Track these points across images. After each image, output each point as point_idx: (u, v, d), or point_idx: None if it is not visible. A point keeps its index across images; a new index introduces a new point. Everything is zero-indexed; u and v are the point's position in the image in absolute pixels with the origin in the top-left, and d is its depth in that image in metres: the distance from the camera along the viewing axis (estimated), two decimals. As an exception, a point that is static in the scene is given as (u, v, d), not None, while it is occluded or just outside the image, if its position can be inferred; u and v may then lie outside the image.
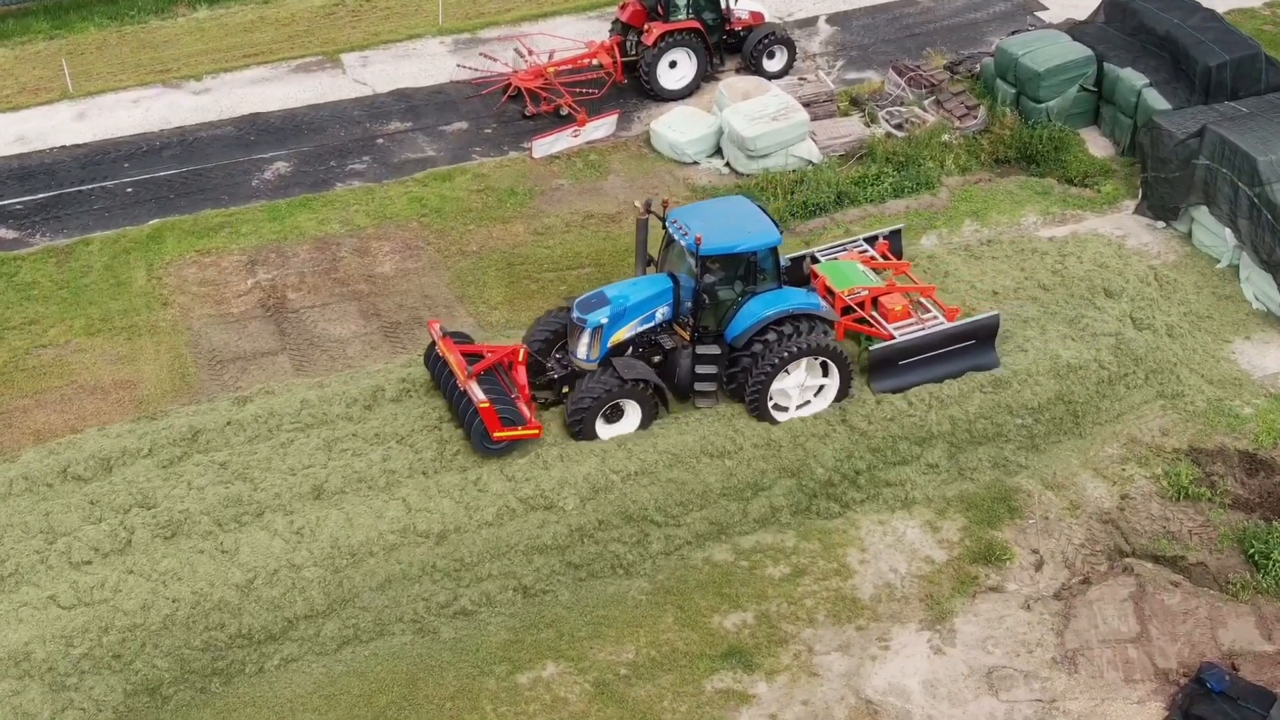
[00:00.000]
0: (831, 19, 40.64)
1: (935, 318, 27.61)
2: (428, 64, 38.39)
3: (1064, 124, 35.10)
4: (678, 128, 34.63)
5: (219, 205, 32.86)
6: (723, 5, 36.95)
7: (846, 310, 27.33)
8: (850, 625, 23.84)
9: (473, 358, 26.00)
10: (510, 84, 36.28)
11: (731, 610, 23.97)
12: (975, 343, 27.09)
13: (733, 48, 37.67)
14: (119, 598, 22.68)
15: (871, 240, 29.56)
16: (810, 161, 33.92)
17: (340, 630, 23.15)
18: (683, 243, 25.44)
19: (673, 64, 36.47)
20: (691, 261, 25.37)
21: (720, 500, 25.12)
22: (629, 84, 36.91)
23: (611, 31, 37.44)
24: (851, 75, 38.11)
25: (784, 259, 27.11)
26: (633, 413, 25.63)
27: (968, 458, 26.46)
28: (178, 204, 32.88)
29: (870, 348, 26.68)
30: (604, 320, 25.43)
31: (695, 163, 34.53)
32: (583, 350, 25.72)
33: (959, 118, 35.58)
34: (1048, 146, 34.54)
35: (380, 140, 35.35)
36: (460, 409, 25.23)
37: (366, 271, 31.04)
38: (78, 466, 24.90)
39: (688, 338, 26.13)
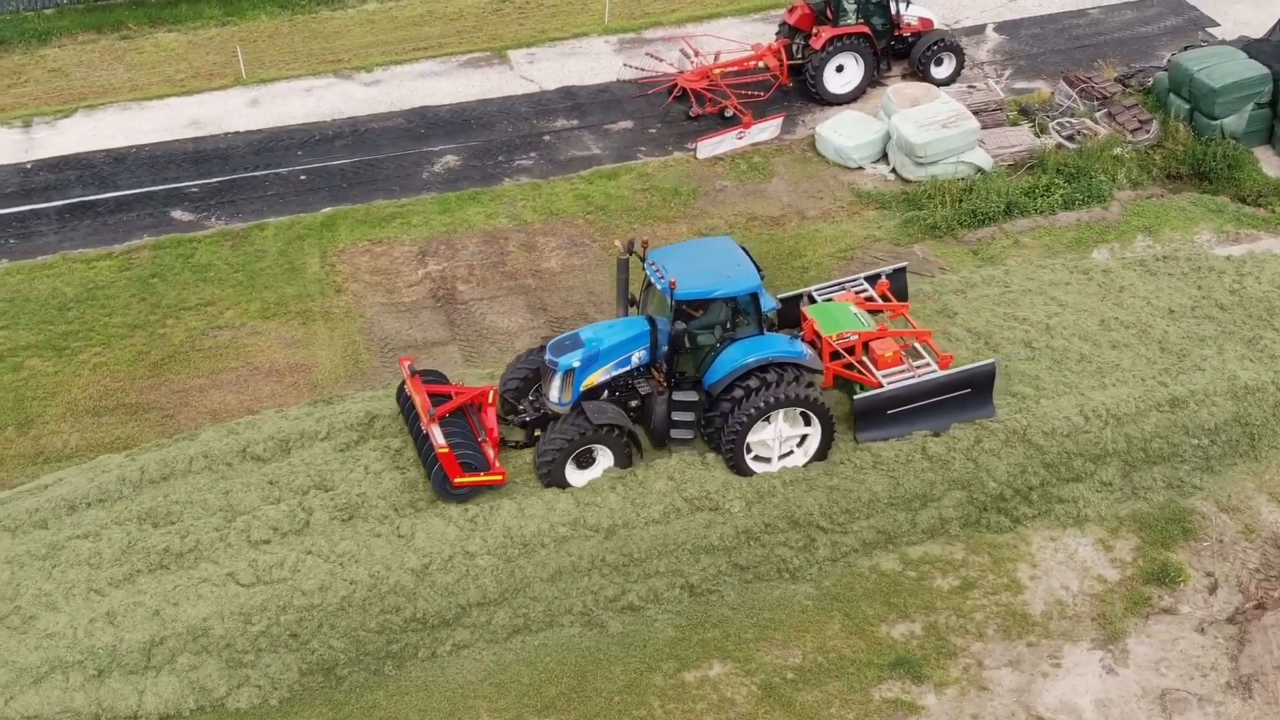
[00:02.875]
0: (999, 27, 40.26)
1: (928, 365, 26.24)
2: (593, 62, 38.62)
3: (1238, 141, 34.42)
4: (844, 132, 34.49)
5: (390, 196, 33.34)
6: (892, 11, 36.72)
7: (835, 356, 26.05)
8: (1021, 641, 23.54)
9: (442, 399, 25.10)
10: (676, 84, 36.36)
11: (899, 620, 23.79)
12: (970, 392, 25.68)
13: (900, 53, 37.46)
14: (297, 577, 23.06)
15: (873, 279, 28.04)
16: (980, 169, 33.59)
17: (511, 619, 23.34)
18: (659, 286, 24.39)
19: (839, 68, 36.33)
20: (668, 305, 24.43)
21: (888, 509, 24.93)
22: (794, 87, 36.83)
23: (778, 34, 37.40)
24: (1020, 85, 37.69)
25: (775, 299, 26.04)
26: (604, 458, 24.66)
27: (1142, 477, 26.00)
28: (350, 193, 33.41)
29: (856, 396, 25.45)
30: (576, 363, 24.37)
31: (860, 168, 34.37)
32: (555, 393, 24.66)
33: (1131, 131, 35.01)
34: (1221, 164, 33.89)
35: (547, 137, 35.63)
36: (424, 452, 24.45)
37: (533, 266, 31.29)
38: (256, 447, 25.36)
39: (664, 383, 25.20)
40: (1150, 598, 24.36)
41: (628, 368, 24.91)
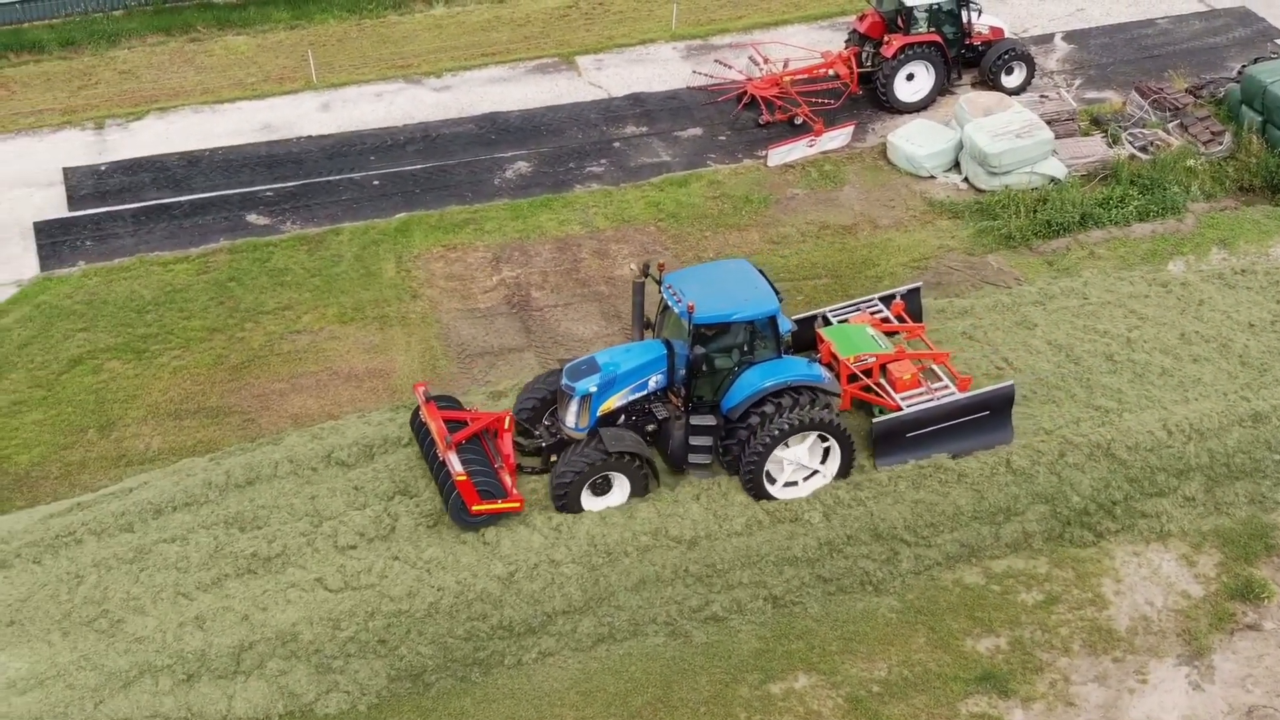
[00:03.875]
0: (1068, 37, 40.12)
1: (947, 387, 25.99)
2: (661, 69, 38.65)
3: (1314, 154, 34.24)
4: (916, 141, 34.42)
5: (463, 201, 33.44)
6: (964, 19, 36.62)
7: (853, 378, 25.89)
8: (1106, 656, 23.45)
9: (458, 425, 24.80)
10: (746, 92, 36.34)
11: (984, 634, 23.73)
12: (989, 414, 25.40)
13: (970, 62, 37.39)
14: (385, 583, 23.16)
15: (887, 300, 27.93)
16: (1054, 179, 33.46)
17: (596, 628, 23.38)
18: (676, 309, 24.27)
19: (910, 76, 36.28)
20: (685, 329, 24.14)
21: (971, 523, 24.87)
22: (863, 95, 36.79)
23: (848, 42, 37.38)
24: (1090, 94, 37.53)
25: (790, 322, 25.63)
26: (621, 486, 24.39)
27: (1224, 492, 25.87)
28: (423, 199, 33.52)
29: (875, 420, 25.23)
30: (593, 388, 24.12)
31: (932, 177, 34.29)
32: (571, 418, 24.40)
33: (1204, 143, 34.82)
34: (1295, 177, 33.72)
35: (617, 144, 35.68)
36: (440, 479, 24.18)
37: (606, 273, 31.33)
38: (341, 452, 25.48)
39: (682, 407, 24.92)
40: (1234, 614, 24.25)
41: (645, 392, 24.68)
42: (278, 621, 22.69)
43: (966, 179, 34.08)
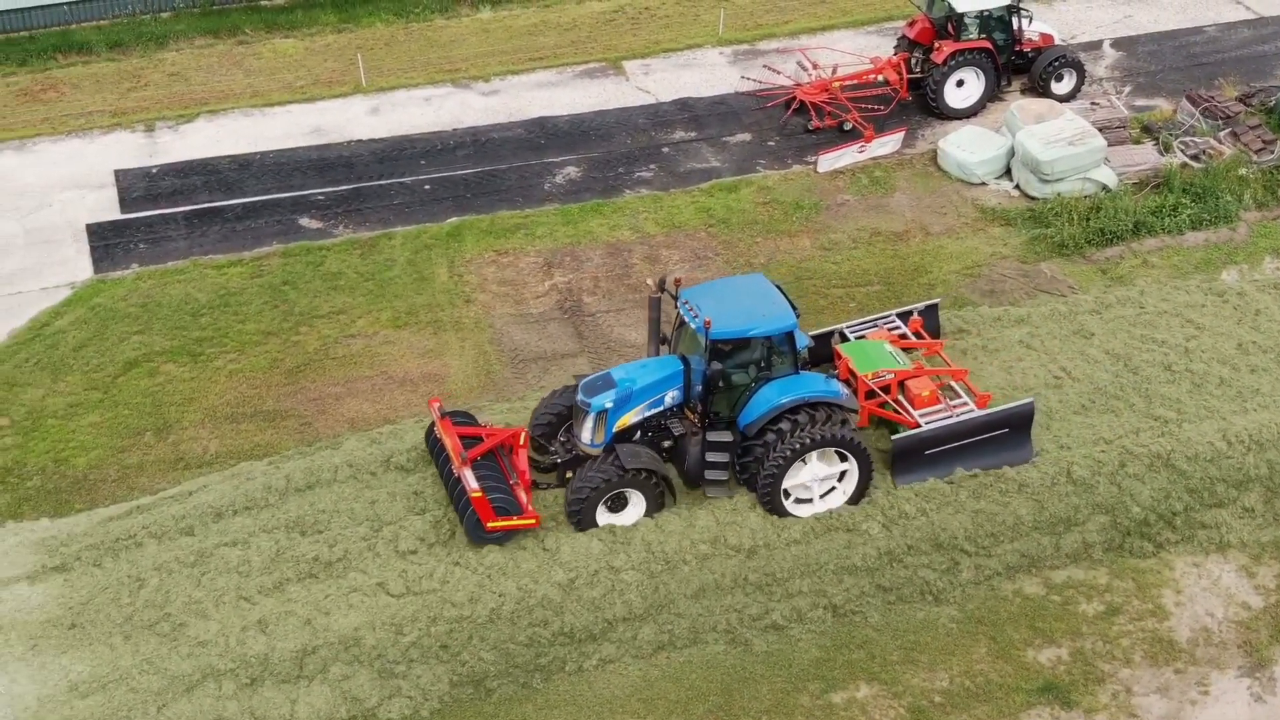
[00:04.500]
0: (1116, 44, 39.97)
1: (966, 404, 25.79)
2: (708, 74, 38.64)
3: (1366, 162, 34.07)
4: (967, 147, 34.34)
5: (514, 206, 33.47)
6: (1015, 26, 36.53)
7: (870, 395, 25.71)
8: (1168, 668, 23.36)
9: (473, 441, 24.66)
10: (795, 97, 36.29)
11: (1045, 645, 23.66)
12: (1008, 432, 25.19)
13: (1019, 69, 37.28)
14: (446, 589, 23.20)
15: (905, 316, 27.73)
16: (1105, 187, 33.34)
17: (656, 635, 23.39)
18: (692, 325, 24.07)
19: (960, 83, 36.20)
20: (702, 344, 23.96)
21: (1031, 533, 24.80)
22: (912, 101, 36.72)
23: (897, 48, 37.32)
24: (1140, 102, 37.38)
25: (807, 337, 25.49)
26: (637, 502, 24.23)
27: (1284, 504, 25.81)
28: (474, 203, 33.57)
29: (894, 437, 25.03)
30: (609, 404, 23.95)
31: (983, 183, 34.20)
32: (587, 435, 24.23)
33: (1255, 151, 34.66)
34: (1347, 185, 33.57)
35: (665, 149, 35.67)
36: (455, 495, 24.06)
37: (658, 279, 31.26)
38: (400, 457, 25.52)
39: (698, 423, 24.77)
40: (1296, 626, 24.16)
41: (661, 408, 24.48)
42: (340, 626, 22.75)
43: (1018, 186, 33.98)
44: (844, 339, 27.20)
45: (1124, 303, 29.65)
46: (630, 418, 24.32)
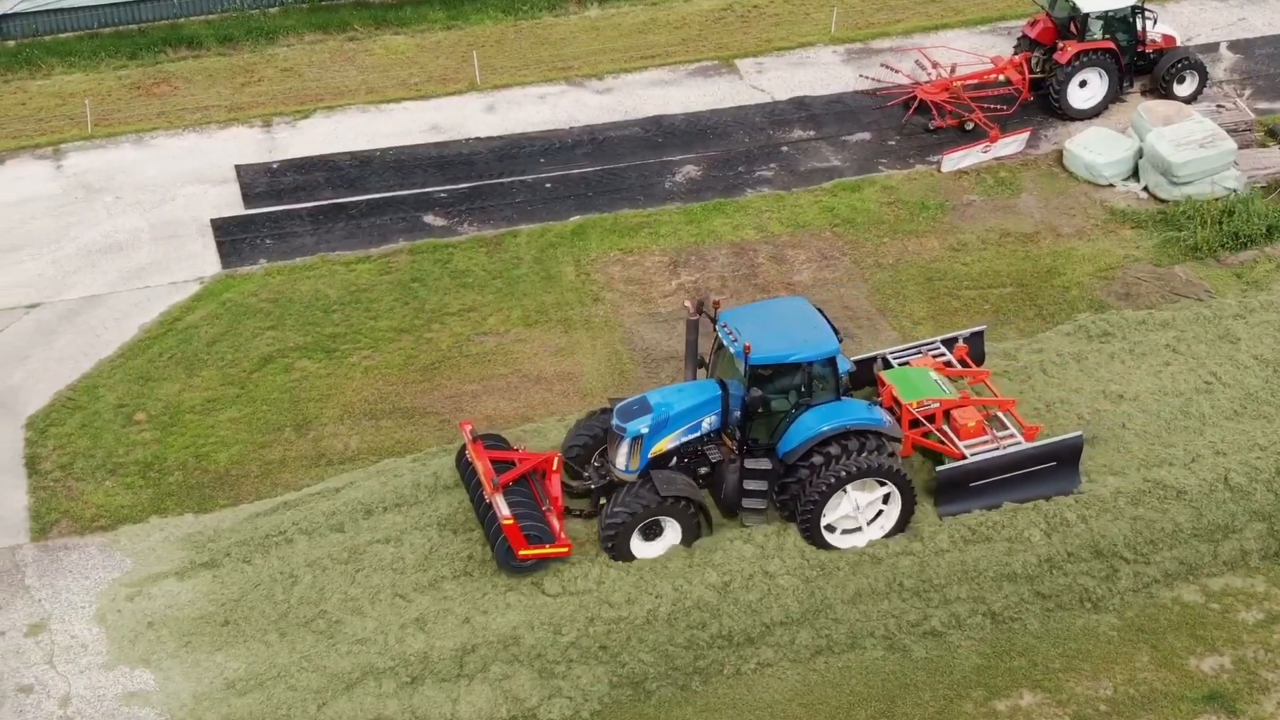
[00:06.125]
0: (1233, 46, 39.45)
1: (1013, 435, 25.05)
2: (823, 72, 38.37)
3: None
4: (1095, 148, 33.95)
5: (635, 205, 33.30)
6: (1138, 27, 36.11)
7: (915, 424, 25.00)
8: (1335, 678, 23.01)
9: (505, 465, 24.08)
10: (915, 96, 35.97)
11: (1207, 653, 23.31)
12: (1056, 465, 24.50)
13: (1141, 70, 36.81)
14: (602, 589, 23.06)
15: (950, 343, 26.93)
16: (1234, 190, 32.91)
17: (814, 639, 23.14)
18: (731, 349, 23.51)
19: (1083, 83, 35.80)
20: (741, 369, 23.46)
21: (1190, 540, 24.45)
22: (1034, 101, 36.35)
23: (1017, 48, 36.95)
24: (1261, 105, 36.89)
25: (849, 362, 24.90)
26: (672, 531, 23.55)
27: None
28: (596, 202, 33.41)
29: (939, 468, 24.36)
30: (644, 429, 23.30)
31: (1111, 185, 33.80)
32: (622, 460, 23.54)
33: (1384, 154, 34.20)
34: None
35: (784, 148, 35.43)
36: (486, 521, 23.56)
37: (785, 279, 31.09)
38: (550, 458, 25.38)
39: (736, 450, 24.09)
40: None
41: (698, 434, 23.82)
42: (498, 625, 22.64)
43: (1146, 188, 33.57)
44: (887, 365, 26.50)
45: (1267, 307, 29.23)
46: (666, 443, 23.65)
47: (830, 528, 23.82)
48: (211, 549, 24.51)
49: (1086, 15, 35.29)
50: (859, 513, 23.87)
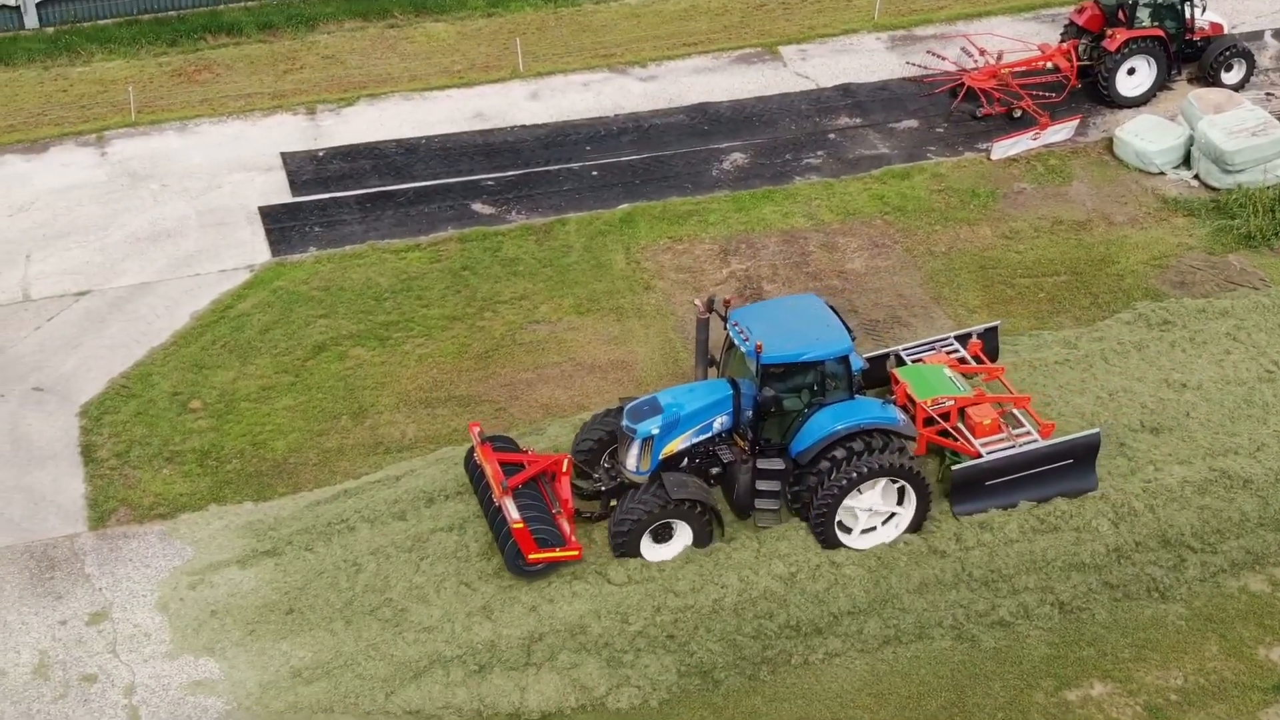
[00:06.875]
0: (1278, 34, 39.18)
1: (1029, 433, 24.70)
2: (867, 59, 38.17)
3: None
4: (1146, 136, 33.75)
5: (683, 193, 33.15)
6: (1186, 14, 35.89)
7: (929, 422, 24.63)
8: (1407, 670, 22.88)
9: (514, 467, 23.79)
10: (962, 83, 35.78)
11: (1276, 643, 23.19)
12: (1073, 463, 24.19)
13: (1188, 58, 36.60)
14: (667, 578, 22.96)
15: (963, 339, 26.55)
16: (1283, 179, 32.79)
17: (882, 629, 23.03)
18: (743, 348, 23.24)
19: (1131, 71, 35.60)
20: (752, 369, 23.15)
21: (1257, 530, 24.33)
22: (1081, 88, 36.15)
23: (1064, 36, 36.75)
24: (1309, 93, 36.74)
25: (862, 360, 24.48)
26: (683, 533, 23.28)
27: None
28: (644, 189, 33.26)
29: (954, 466, 24.02)
30: (655, 430, 23.04)
31: (1161, 173, 33.60)
32: (632, 461, 23.31)
33: None
34: None
35: (831, 135, 35.25)
36: (495, 524, 23.27)
37: (837, 267, 30.94)
38: (611, 445, 25.25)
39: (748, 450, 23.85)
40: None
41: (709, 434, 23.54)
42: (565, 614, 22.53)
43: (1197, 176, 33.38)
44: (900, 362, 26.19)
45: (1325, 297, 29.11)
46: (677, 444, 23.39)
47: (845, 528, 23.64)
48: (273, 537, 24.43)
49: (1135, 3, 35.12)
50: (871, 512, 23.62)
